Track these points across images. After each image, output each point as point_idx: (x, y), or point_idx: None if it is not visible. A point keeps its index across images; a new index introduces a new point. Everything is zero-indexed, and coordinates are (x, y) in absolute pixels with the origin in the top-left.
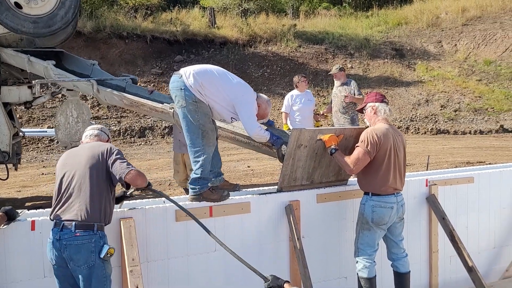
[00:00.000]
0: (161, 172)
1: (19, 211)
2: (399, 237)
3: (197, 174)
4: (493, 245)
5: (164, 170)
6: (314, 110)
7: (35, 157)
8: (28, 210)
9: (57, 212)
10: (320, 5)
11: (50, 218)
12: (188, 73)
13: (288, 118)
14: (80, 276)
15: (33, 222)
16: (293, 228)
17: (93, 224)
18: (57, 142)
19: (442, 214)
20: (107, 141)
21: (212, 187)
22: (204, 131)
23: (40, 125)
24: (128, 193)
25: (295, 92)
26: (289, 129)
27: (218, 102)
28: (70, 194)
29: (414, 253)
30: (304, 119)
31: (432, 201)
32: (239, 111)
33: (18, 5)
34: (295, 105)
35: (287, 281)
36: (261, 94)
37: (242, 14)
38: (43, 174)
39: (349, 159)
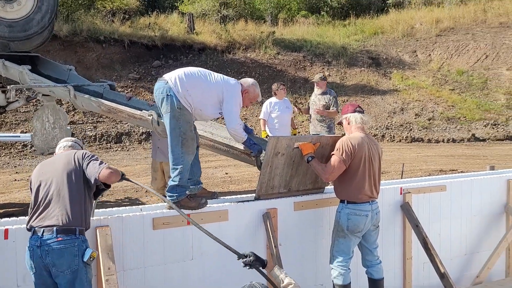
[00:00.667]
0: (138, 179)
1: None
2: (373, 244)
3: (174, 181)
4: (464, 252)
5: (141, 177)
6: (292, 117)
7: (8, 163)
8: (1, 217)
9: (36, 220)
10: (298, 13)
11: (27, 228)
12: (173, 79)
13: (266, 125)
14: (63, 282)
15: (6, 230)
16: (271, 235)
17: (75, 228)
18: (34, 148)
19: (416, 221)
20: None
21: (190, 195)
22: (184, 139)
23: (13, 130)
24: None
25: (273, 99)
26: (268, 136)
27: (205, 103)
28: (49, 201)
29: (389, 260)
30: (282, 127)
31: (406, 209)
32: (223, 106)
33: None
34: (274, 113)
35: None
36: (245, 80)
37: (221, 21)
38: (16, 180)
39: (325, 167)
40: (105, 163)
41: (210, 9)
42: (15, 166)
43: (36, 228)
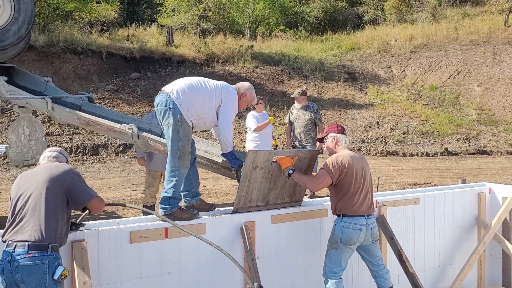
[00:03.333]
0: (114, 192)
1: None
2: (376, 257)
3: (168, 193)
4: (438, 264)
5: (118, 190)
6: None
7: None
8: None
9: (10, 233)
10: (276, 28)
11: (2, 240)
12: (175, 91)
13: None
14: None
15: None
16: (248, 248)
17: (47, 245)
18: (8, 160)
19: (391, 234)
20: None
21: (185, 206)
22: (182, 152)
23: None
24: (78, 221)
25: (254, 112)
26: (270, 115)
27: (207, 111)
28: (24, 214)
29: (365, 272)
30: (265, 139)
31: (381, 222)
32: (219, 110)
33: None
34: (253, 126)
35: None
36: (242, 84)
37: (200, 34)
38: None
39: (311, 177)
40: (94, 193)
41: (189, 22)
42: None
43: (9, 242)
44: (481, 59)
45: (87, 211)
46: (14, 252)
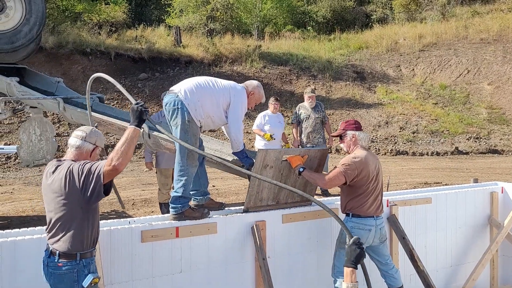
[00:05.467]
0: (124, 191)
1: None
2: (385, 257)
3: (178, 193)
4: (450, 264)
5: (127, 189)
6: (284, 132)
7: None
8: None
9: (48, 237)
10: (284, 28)
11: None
12: (183, 91)
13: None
14: None
15: None
16: (259, 248)
17: (75, 254)
18: (19, 160)
19: (402, 233)
20: (92, 151)
21: (194, 205)
22: (190, 151)
23: None
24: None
25: (267, 112)
26: (272, 135)
27: (216, 110)
28: (53, 224)
29: (375, 273)
30: (274, 140)
31: (392, 221)
32: (229, 110)
33: None
34: (266, 125)
35: None
36: (250, 82)
37: (208, 34)
38: None
39: (322, 175)
40: (101, 168)
41: (197, 23)
42: None
43: (48, 245)
44: (491, 58)
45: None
46: (49, 258)
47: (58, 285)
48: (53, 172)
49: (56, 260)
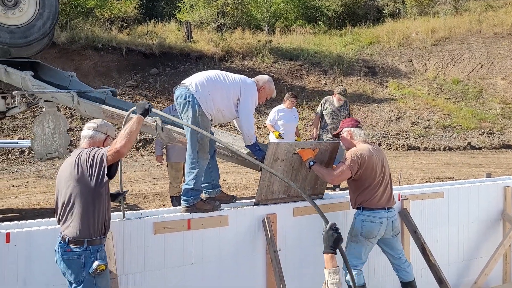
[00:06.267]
0: (135, 185)
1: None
2: (397, 251)
3: (189, 185)
4: (462, 258)
5: (139, 183)
6: (297, 126)
7: (5, 169)
8: (3, 222)
9: (59, 224)
10: (295, 23)
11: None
12: (194, 84)
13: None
14: None
15: (8, 234)
16: (270, 241)
17: (83, 240)
18: (33, 153)
19: (414, 227)
20: (105, 140)
21: (206, 198)
22: (201, 144)
23: (11, 136)
24: (122, 192)
25: (282, 107)
26: (280, 134)
27: (226, 104)
28: (64, 210)
29: (387, 266)
30: (287, 134)
31: (404, 215)
32: (239, 104)
33: None
34: (280, 120)
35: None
36: (261, 77)
37: (219, 29)
38: (13, 186)
39: (331, 170)
40: (105, 151)
41: (208, 18)
42: (12, 172)
43: (60, 231)
44: (505, 52)
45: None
46: (60, 243)
47: (67, 270)
48: (68, 160)
49: (65, 246)
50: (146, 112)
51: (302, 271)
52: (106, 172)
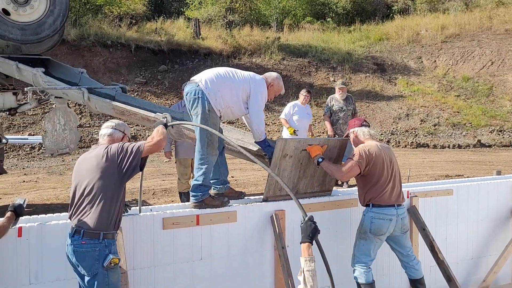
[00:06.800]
0: (144, 182)
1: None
2: (406, 248)
3: (198, 181)
4: (471, 256)
5: (148, 179)
6: (311, 124)
7: (16, 165)
8: None
9: (72, 218)
10: (303, 19)
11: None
12: (203, 81)
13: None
14: (86, 283)
15: (20, 228)
16: (278, 237)
17: (99, 233)
18: (43, 149)
19: (423, 225)
20: (122, 138)
21: (214, 194)
22: (210, 140)
23: (21, 132)
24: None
25: (297, 102)
26: (295, 131)
27: (235, 101)
28: (81, 201)
29: (396, 263)
30: (300, 131)
31: (413, 212)
32: (249, 100)
33: (6, 12)
34: (295, 115)
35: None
36: (269, 74)
37: (227, 26)
38: (24, 181)
39: (340, 166)
40: (141, 145)
41: (216, 15)
42: (23, 168)
43: (72, 225)
44: None
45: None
46: (73, 237)
47: (80, 262)
48: (89, 154)
49: (80, 238)
50: (165, 126)
51: None
52: (139, 163)
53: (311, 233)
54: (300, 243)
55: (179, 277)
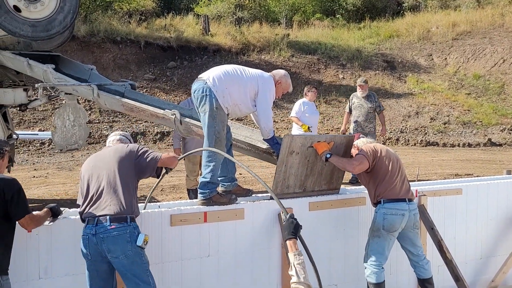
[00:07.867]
0: (152, 178)
1: (62, 209)
2: (415, 246)
3: (206, 178)
4: (479, 256)
5: None
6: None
7: (26, 160)
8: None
9: (89, 210)
10: (313, 16)
11: (82, 218)
12: (211, 78)
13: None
14: (121, 268)
15: None
16: None
17: (126, 217)
18: (53, 144)
19: (431, 224)
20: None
21: (222, 191)
22: (217, 138)
23: (31, 128)
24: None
25: (305, 100)
26: (310, 127)
27: (243, 98)
28: (101, 192)
29: (404, 262)
30: (313, 127)
31: (421, 211)
32: (257, 98)
33: (17, 9)
34: (306, 113)
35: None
36: (277, 71)
37: (236, 23)
38: (34, 177)
39: (350, 159)
40: (160, 154)
41: (225, 11)
42: (33, 163)
43: (89, 218)
44: None
45: (164, 171)
46: (97, 226)
47: (112, 246)
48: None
49: (107, 225)
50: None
51: (317, 266)
52: (155, 170)
53: (294, 229)
54: (285, 240)
55: (187, 274)
